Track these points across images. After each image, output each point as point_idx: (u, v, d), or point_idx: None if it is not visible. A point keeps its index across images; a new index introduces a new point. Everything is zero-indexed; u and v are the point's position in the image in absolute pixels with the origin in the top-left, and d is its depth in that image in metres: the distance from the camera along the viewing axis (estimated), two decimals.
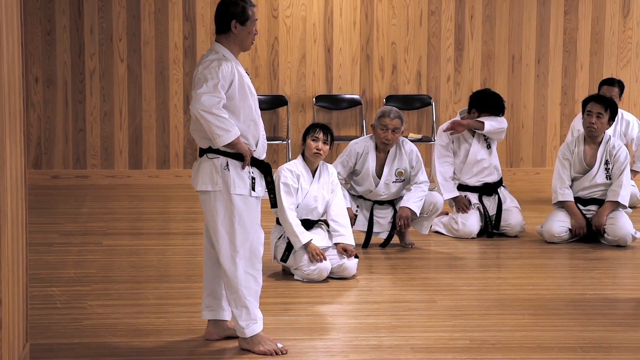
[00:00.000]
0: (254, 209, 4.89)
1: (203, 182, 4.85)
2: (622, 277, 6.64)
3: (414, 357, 4.92)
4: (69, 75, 9.72)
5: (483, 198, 7.63)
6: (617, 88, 8.73)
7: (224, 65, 4.77)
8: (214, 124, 4.71)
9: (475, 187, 7.68)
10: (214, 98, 4.72)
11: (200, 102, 4.72)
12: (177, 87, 9.82)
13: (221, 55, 4.83)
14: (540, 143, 10.18)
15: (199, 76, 4.77)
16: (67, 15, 9.66)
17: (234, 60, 4.86)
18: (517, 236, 7.59)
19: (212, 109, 4.71)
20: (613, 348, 5.09)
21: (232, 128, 4.74)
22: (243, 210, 4.84)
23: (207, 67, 4.77)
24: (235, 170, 4.83)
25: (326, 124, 6.48)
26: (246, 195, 4.84)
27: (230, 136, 4.74)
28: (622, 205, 7.39)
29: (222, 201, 4.82)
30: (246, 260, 4.87)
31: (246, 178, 4.84)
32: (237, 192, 4.82)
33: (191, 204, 8.97)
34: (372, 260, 6.90)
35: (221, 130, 4.72)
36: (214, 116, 4.71)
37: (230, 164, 4.82)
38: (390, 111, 7.09)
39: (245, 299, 4.87)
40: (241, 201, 4.83)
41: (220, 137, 4.73)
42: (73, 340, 5.10)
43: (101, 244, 7.28)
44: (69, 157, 9.80)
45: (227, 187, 4.82)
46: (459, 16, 9.99)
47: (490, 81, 10.05)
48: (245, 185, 4.84)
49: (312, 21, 9.87)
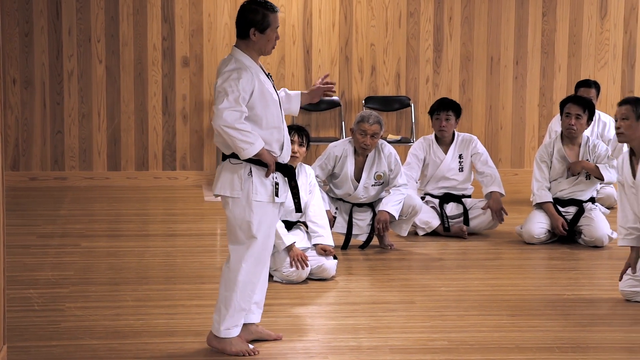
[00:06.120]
0: (272, 215, 4.90)
1: (222, 187, 4.86)
2: (599, 277, 6.68)
3: (393, 358, 4.93)
4: (46, 76, 9.68)
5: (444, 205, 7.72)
6: (594, 89, 8.77)
7: (244, 76, 4.75)
8: (237, 138, 4.73)
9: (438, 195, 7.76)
10: (236, 113, 4.72)
11: (222, 118, 4.72)
12: (156, 88, 9.80)
13: (241, 63, 4.80)
14: (519, 144, 10.22)
15: (219, 89, 4.76)
16: (44, 16, 9.62)
17: (254, 66, 4.83)
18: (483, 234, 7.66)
19: (235, 124, 4.72)
20: (591, 348, 5.12)
21: (256, 140, 4.76)
22: (261, 217, 4.84)
23: (227, 80, 4.75)
24: (259, 177, 4.84)
25: (302, 126, 6.48)
26: (266, 202, 4.85)
27: (254, 149, 4.76)
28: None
29: (240, 207, 4.83)
30: (250, 267, 4.87)
31: (269, 185, 4.85)
32: (257, 198, 4.83)
33: (170, 206, 8.96)
34: (351, 262, 6.91)
35: (245, 144, 4.74)
36: (237, 131, 4.72)
37: (254, 171, 4.83)
38: (370, 116, 7.10)
39: (237, 302, 4.87)
40: (260, 208, 4.84)
41: (245, 150, 4.75)
42: (51, 343, 5.08)
43: (79, 246, 7.26)
44: (47, 158, 9.76)
45: (247, 194, 4.82)
46: (437, 18, 10.02)
47: (468, 83, 10.09)
48: (267, 192, 4.85)
49: (291, 22, 9.87)
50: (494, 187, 7.66)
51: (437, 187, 7.78)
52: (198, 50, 9.79)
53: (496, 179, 7.67)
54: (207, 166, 9.91)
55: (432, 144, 7.79)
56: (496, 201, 7.59)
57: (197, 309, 5.71)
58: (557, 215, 7.44)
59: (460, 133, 7.84)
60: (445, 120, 7.68)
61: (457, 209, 7.72)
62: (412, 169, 7.73)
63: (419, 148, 7.80)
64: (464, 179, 7.76)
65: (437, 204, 7.71)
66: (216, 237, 7.80)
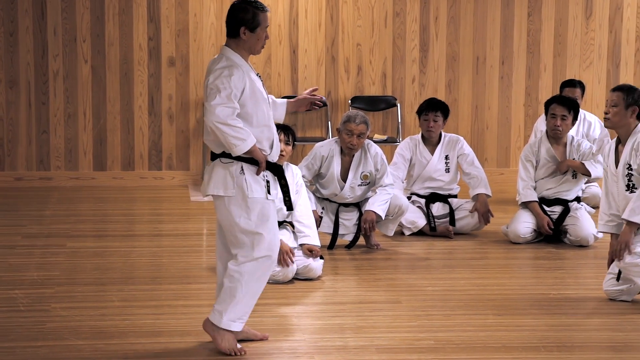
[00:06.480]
0: (271, 211, 4.90)
1: (215, 187, 4.85)
2: (584, 277, 6.70)
3: (379, 358, 4.94)
4: (32, 76, 9.65)
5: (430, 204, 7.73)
6: (579, 89, 8.79)
7: (235, 74, 4.78)
8: (230, 134, 4.74)
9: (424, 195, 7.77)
10: (228, 109, 4.74)
11: (214, 114, 4.73)
12: (142, 88, 9.78)
13: (232, 61, 4.82)
14: (505, 144, 10.24)
15: (211, 86, 4.77)
16: (29, 16, 9.59)
17: (245, 65, 4.86)
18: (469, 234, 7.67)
19: (227, 120, 4.73)
20: (576, 347, 5.13)
21: (248, 137, 4.77)
22: (260, 212, 4.84)
23: (219, 77, 4.77)
24: (251, 175, 4.84)
25: (287, 125, 6.47)
26: (263, 199, 4.86)
27: (246, 145, 4.77)
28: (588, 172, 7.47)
29: (237, 205, 4.83)
30: (259, 264, 4.86)
31: (261, 181, 4.86)
32: (254, 195, 4.83)
33: (156, 206, 8.94)
34: (338, 261, 6.91)
35: (237, 140, 4.75)
36: (229, 127, 4.73)
37: (246, 169, 4.83)
38: (356, 116, 7.10)
39: (242, 295, 4.84)
40: (258, 204, 4.84)
41: (237, 146, 4.76)
42: (36, 343, 5.06)
43: (65, 246, 7.24)
44: (33, 158, 9.73)
45: (243, 192, 4.82)
46: (423, 17, 10.03)
47: (455, 82, 10.10)
48: (262, 189, 4.86)
49: (277, 22, 9.86)
50: (480, 189, 7.67)
51: (423, 187, 7.78)
52: (184, 50, 9.78)
53: (482, 180, 7.69)
54: (193, 166, 9.90)
55: (418, 144, 7.80)
56: (482, 204, 7.61)
57: (183, 309, 5.70)
58: (543, 215, 7.46)
59: (447, 134, 7.85)
60: (434, 120, 7.69)
61: (444, 208, 7.73)
62: (399, 168, 7.73)
63: (406, 148, 7.80)
64: (450, 179, 7.77)
65: (423, 203, 7.72)
66: (202, 237, 7.79)
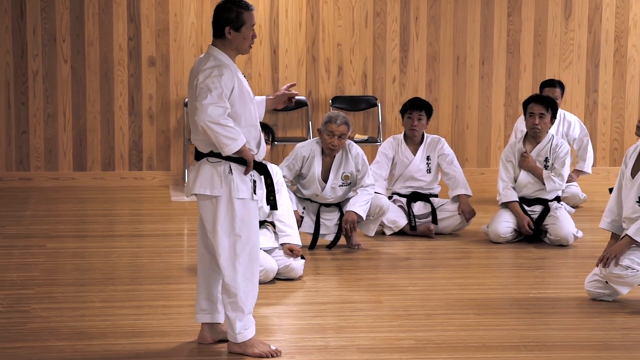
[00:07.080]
0: (254, 212, 4.89)
1: (201, 186, 4.84)
2: (564, 276, 6.73)
3: (360, 358, 4.94)
4: (11, 76, 9.61)
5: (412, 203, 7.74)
6: (559, 89, 8.84)
7: (225, 73, 4.77)
8: (221, 134, 4.73)
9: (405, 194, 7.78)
10: (220, 108, 4.73)
11: (206, 114, 4.72)
12: (122, 88, 9.75)
13: (219, 61, 4.82)
14: (485, 144, 10.27)
15: (202, 86, 4.76)
16: (9, 15, 9.54)
17: (232, 65, 4.86)
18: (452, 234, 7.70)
19: (219, 119, 4.72)
20: (556, 346, 5.15)
21: (239, 136, 4.77)
22: (244, 214, 4.84)
23: (209, 77, 4.75)
24: (239, 175, 4.83)
25: (266, 123, 6.47)
26: (248, 199, 4.85)
27: (237, 144, 4.76)
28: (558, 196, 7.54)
29: (223, 205, 4.81)
30: (246, 266, 4.86)
31: (248, 182, 4.86)
32: (239, 196, 4.83)
33: (137, 206, 8.92)
34: (319, 261, 6.92)
35: (228, 140, 4.74)
36: (221, 126, 4.72)
37: (234, 168, 4.83)
38: (337, 117, 7.11)
39: (243, 304, 4.86)
40: (243, 205, 4.83)
41: (228, 146, 4.75)
42: (16, 344, 5.04)
43: (45, 247, 7.21)
44: (12, 159, 9.68)
45: (229, 192, 4.81)
46: (404, 17, 10.04)
47: (435, 82, 10.12)
48: (248, 189, 4.85)
49: (257, 22, 9.84)
50: (459, 189, 7.69)
51: (405, 187, 7.80)
52: (164, 50, 9.76)
53: (461, 181, 7.71)
54: (174, 166, 9.88)
55: (400, 143, 7.81)
56: (466, 204, 7.64)
57: (163, 309, 5.69)
58: (523, 214, 7.48)
59: (429, 135, 7.87)
60: (418, 119, 7.70)
61: (425, 208, 7.74)
62: (382, 167, 7.74)
63: (389, 147, 7.81)
64: (431, 180, 7.79)
65: (404, 203, 7.73)
66: (183, 237, 7.77)
